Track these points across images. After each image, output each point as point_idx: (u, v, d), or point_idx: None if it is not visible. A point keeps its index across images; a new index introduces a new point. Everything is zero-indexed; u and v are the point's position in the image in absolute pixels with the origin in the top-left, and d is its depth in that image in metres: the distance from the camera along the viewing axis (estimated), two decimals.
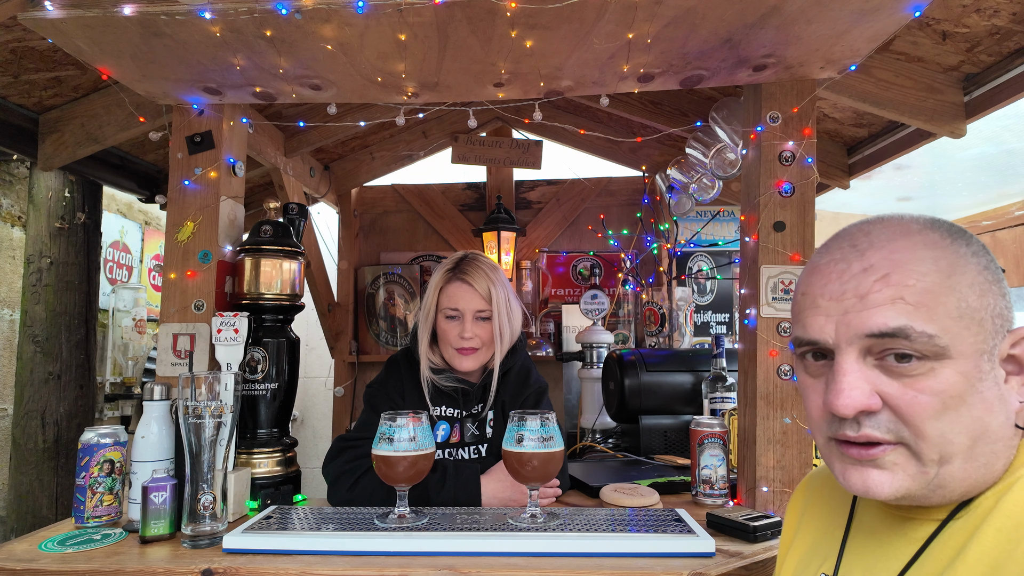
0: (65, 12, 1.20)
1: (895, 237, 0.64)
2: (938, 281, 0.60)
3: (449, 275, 1.54)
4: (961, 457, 0.60)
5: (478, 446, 1.58)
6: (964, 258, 0.62)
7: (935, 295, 0.60)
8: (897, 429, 0.61)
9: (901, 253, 0.62)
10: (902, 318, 0.60)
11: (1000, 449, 0.61)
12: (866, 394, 0.61)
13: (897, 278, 0.61)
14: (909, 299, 0.60)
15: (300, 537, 1.14)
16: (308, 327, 3.70)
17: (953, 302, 0.60)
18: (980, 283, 0.61)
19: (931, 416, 0.60)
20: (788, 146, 1.45)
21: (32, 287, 2.26)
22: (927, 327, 0.59)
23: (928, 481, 0.61)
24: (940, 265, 0.61)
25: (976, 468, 0.61)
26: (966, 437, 0.60)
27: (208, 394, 1.19)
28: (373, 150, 2.92)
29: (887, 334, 0.60)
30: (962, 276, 0.61)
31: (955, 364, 0.59)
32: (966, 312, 0.60)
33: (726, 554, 1.12)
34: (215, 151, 1.60)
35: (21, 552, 1.14)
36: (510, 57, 1.36)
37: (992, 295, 0.61)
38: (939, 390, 0.59)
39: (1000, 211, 2.80)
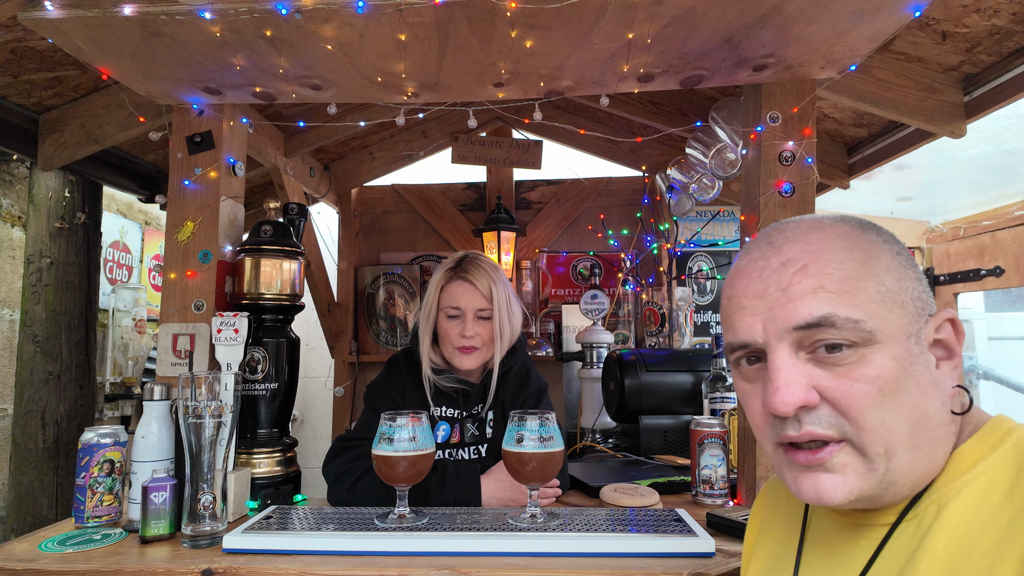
0: (65, 12, 1.20)
1: (809, 231, 0.65)
2: (855, 268, 0.61)
3: (450, 274, 1.55)
4: (905, 447, 0.59)
5: (478, 446, 1.58)
6: (877, 245, 0.63)
7: (855, 281, 0.60)
8: (838, 423, 0.60)
9: (817, 244, 0.63)
10: (826, 306, 0.60)
11: (940, 436, 0.61)
12: (803, 388, 0.60)
13: (816, 268, 0.61)
14: (829, 287, 0.60)
15: (300, 537, 1.14)
16: (308, 327, 3.70)
17: (873, 287, 0.60)
18: (896, 267, 0.62)
19: (869, 405, 0.59)
20: (788, 146, 1.45)
21: (32, 287, 2.26)
22: (851, 312, 0.59)
23: (879, 479, 0.60)
24: (855, 253, 0.62)
25: (920, 458, 0.60)
26: (906, 424, 0.59)
27: (208, 394, 1.19)
28: (373, 150, 2.92)
29: (813, 324, 0.60)
30: (878, 261, 0.62)
31: (885, 348, 0.59)
32: (887, 295, 0.60)
33: (726, 554, 1.12)
34: (215, 151, 1.60)
35: (21, 552, 1.14)
36: (510, 57, 1.36)
37: (909, 279, 0.62)
38: (873, 376, 0.59)
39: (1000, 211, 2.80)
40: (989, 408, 3.16)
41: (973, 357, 3.15)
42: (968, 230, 2.98)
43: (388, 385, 1.58)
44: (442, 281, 1.55)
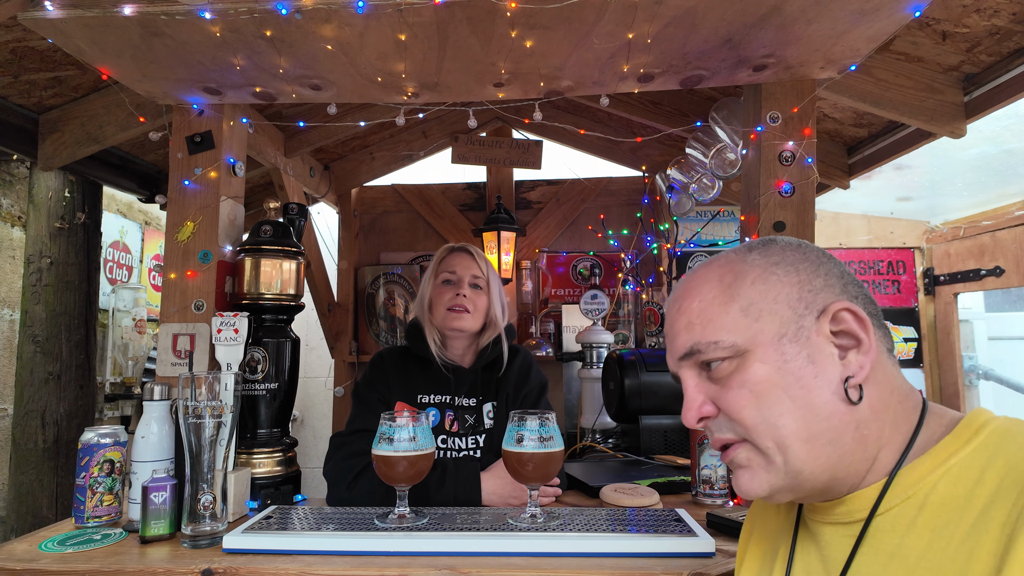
0: (65, 12, 1.20)
1: (696, 273, 0.75)
2: (717, 294, 0.70)
3: (449, 249, 1.66)
4: (797, 439, 0.65)
5: (476, 436, 1.58)
6: (748, 264, 0.71)
7: (713, 308, 0.70)
8: (732, 427, 0.69)
9: (692, 283, 0.74)
10: (691, 337, 0.71)
11: (840, 424, 0.64)
12: (699, 403, 0.71)
13: (686, 304, 0.72)
14: (694, 320, 0.71)
15: (300, 537, 1.14)
16: (308, 327, 3.70)
17: (735, 305, 0.69)
18: (765, 279, 0.69)
19: (745, 407, 0.66)
20: (788, 146, 1.45)
21: (32, 287, 2.26)
22: (711, 337, 0.69)
23: (782, 470, 0.66)
24: (725, 280, 0.71)
25: (822, 447, 0.65)
26: (790, 419, 0.65)
27: (208, 394, 1.19)
28: (373, 150, 2.92)
29: (687, 353, 0.71)
30: (742, 281, 0.70)
31: (754, 355, 0.67)
32: (751, 309, 0.68)
33: (726, 554, 1.12)
34: (215, 151, 1.60)
35: (21, 552, 1.14)
36: (510, 57, 1.36)
37: (783, 284, 0.68)
38: (746, 381, 0.67)
39: (1000, 211, 2.80)
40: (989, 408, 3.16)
41: (973, 357, 3.15)
42: (968, 230, 2.98)
43: (372, 378, 1.60)
44: (442, 255, 1.65)
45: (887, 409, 0.66)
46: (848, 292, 0.68)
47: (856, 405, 0.65)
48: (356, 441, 1.47)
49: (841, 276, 0.70)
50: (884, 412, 0.66)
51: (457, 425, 1.57)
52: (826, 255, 0.72)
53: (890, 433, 0.66)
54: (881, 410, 0.66)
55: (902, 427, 0.66)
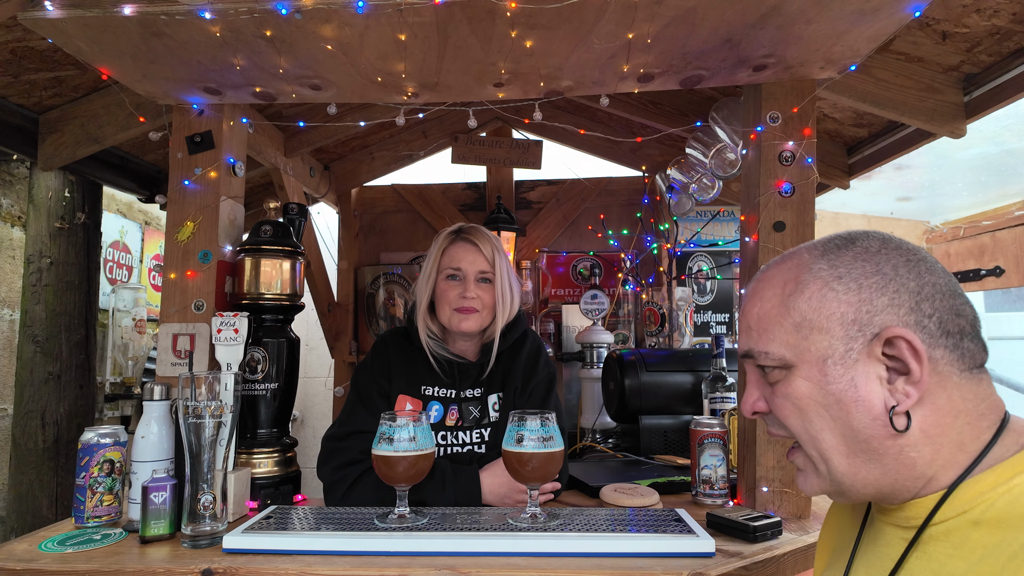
0: (65, 12, 1.20)
1: (771, 267, 0.75)
2: (776, 304, 0.71)
3: (453, 236, 1.53)
4: (839, 454, 0.68)
5: (480, 430, 1.53)
6: (812, 274, 0.70)
7: (771, 317, 0.71)
8: (780, 426, 0.73)
9: (761, 283, 0.75)
10: (749, 342, 0.74)
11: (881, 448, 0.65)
12: (754, 398, 0.75)
13: (748, 306, 0.75)
14: (752, 325, 0.74)
15: (300, 537, 1.14)
16: (308, 327, 3.70)
17: (789, 320, 0.70)
18: (822, 295, 0.68)
19: (790, 416, 0.70)
20: (788, 146, 1.45)
21: (32, 287, 2.26)
22: (765, 347, 0.71)
23: (829, 479, 0.70)
24: (786, 288, 0.71)
25: (864, 464, 0.67)
26: (830, 435, 0.68)
27: (208, 394, 1.19)
28: (373, 150, 2.92)
29: (744, 355, 0.75)
30: (800, 295, 0.70)
31: (800, 371, 0.69)
32: (803, 325, 0.69)
33: (726, 554, 1.12)
34: (215, 151, 1.60)
35: (21, 552, 1.14)
36: (510, 57, 1.36)
37: (840, 303, 0.67)
38: (789, 393, 0.70)
39: (1000, 211, 2.80)
40: None
41: None
42: (968, 230, 2.98)
43: (373, 367, 1.53)
44: (444, 244, 1.53)
45: (946, 433, 0.65)
46: (920, 311, 0.65)
47: (901, 432, 0.64)
48: (350, 448, 1.43)
49: (916, 292, 0.66)
50: (941, 436, 0.65)
51: (461, 419, 1.52)
52: (908, 264, 0.67)
53: (951, 453, 0.65)
54: (937, 434, 0.65)
55: (970, 447, 0.65)
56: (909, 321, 0.65)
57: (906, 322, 0.65)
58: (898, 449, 0.65)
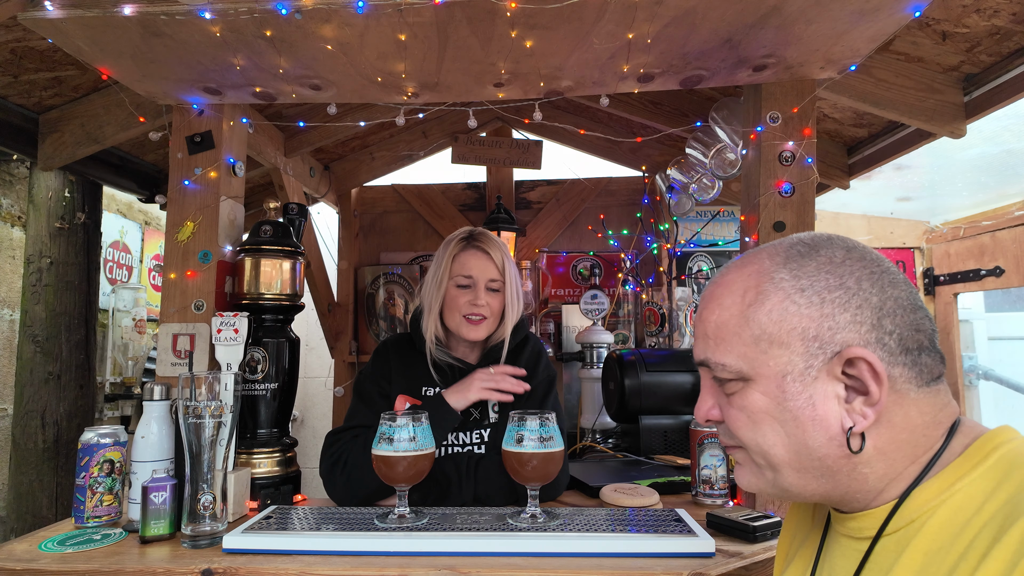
0: (65, 12, 1.20)
1: (731, 270, 0.72)
2: (735, 313, 0.68)
3: (464, 243, 1.54)
4: (788, 467, 0.67)
5: (481, 431, 1.54)
6: (774, 284, 0.67)
7: (729, 328, 0.69)
8: (731, 437, 0.72)
9: (719, 288, 0.72)
10: (704, 351, 0.71)
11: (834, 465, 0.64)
12: (708, 405, 0.74)
13: (706, 313, 0.72)
14: (709, 333, 0.71)
15: (300, 537, 1.14)
16: (308, 327, 3.70)
17: (747, 331, 0.67)
18: (783, 308, 0.66)
19: (742, 427, 0.69)
20: (788, 146, 1.45)
21: (32, 287, 2.26)
22: (721, 358, 0.69)
23: (770, 482, 0.69)
24: (747, 297, 0.68)
25: (814, 479, 0.66)
26: (782, 449, 0.66)
27: (208, 394, 1.19)
28: (373, 150, 2.92)
29: (699, 363, 0.73)
30: (760, 306, 0.67)
31: (756, 385, 0.67)
32: (763, 338, 0.66)
33: (726, 554, 1.12)
34: (215, 151, 1.60)
35: (21, 552, 1.14)
36: (510, 57, 1.36)
37: (802, 317, 0.65)
38: (744, 406, 0.68)
39: (1000, 211, 2.80)
40: (989, 408, 3.16)
41: (973, 357, 3.15)
42: (968, 230, 2.98)
43: (374, 371, 1.56)
44: (455, 250, 1.53)
45: (900, 448, 0.64)
46: (881, 328, 0.63)
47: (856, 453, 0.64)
48: (347, 436, 1.46)
49: (879, 308, 0.64)
50: (895, 452, 0.64)
51: (461, 420, 1.53)
52: (872, 276, 0.65)
53: (904, 466, 0.64)
54: (892, 451, 0.64)
55: (922, 457, 0.64)
56: (870, 339, 0.63)
57: (867, 340, 0.63)
58: (852, 467, 0.64)
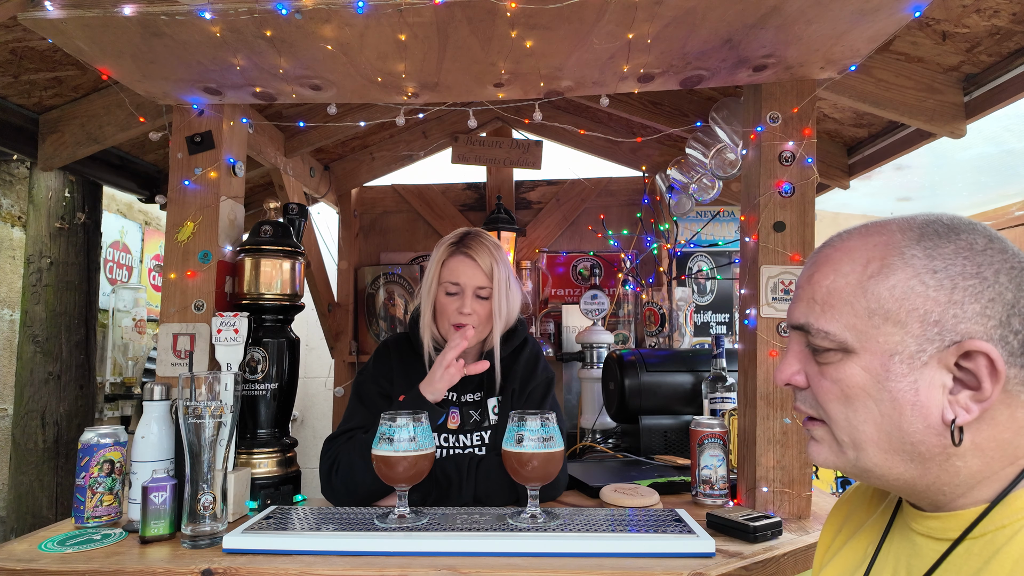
0: (65, 12, 1.20)
1: (854, 237, 0.68)
2: (853, 282, 0.64)
3: (452, 249, 1.52)
4: (875, 447, 0.64)
5: (481, 433, 1.54)
6: (904, 259, 0.63)
7: (842, 295, 0.65)
8: (816, 408, 0.69)
9: (839, 253, 0.67)
10: (807, 315, 0.68)
11: (927, 452, 0.61)
12: (793, 370, 0.71)
13: (818, 277, 0.68)
14: (817, 298, 0.67)
15: (300, 537, 1.14)
16: (308, 327, 3.70)
17: (863, 303, 0.63)
18: (909, 286, 0.62)
19: (833, 400, 0.66)
20: (788, 146, 1.45)
21: (32, 287, 2.26)
22: (825, 325, 0.65)
23: (849, 462, 0.67)
24: (870, 267, 0.64)
25: (902, 462, 0.63)
26: (872, 428, 0.64)
27: (208, 394, 1.19)
28: (373, 150, 2.92)
29: (796, 327, 0.69)
30: (885, 279, 0.63)
31: (859, 359, 0.64)
32: (878, 312, 0.63)
33: (726, 554, 1.12)
34: (215, 151, 1.60)
35: (21, 552, 1.14)
36: (510, 57, 1.36)
37: (927, 299, 0.61)
38: (839, 379, 0.65)
39: (1000, 211, 2.80)
40: None
41: None
42: None
43: (376, 371, 1.56)
44: (444, 256, 1.52)
45: (1000, 447, 0.61)
46: (1008, 326, 0.60)
47: (956, 445, 0.60)
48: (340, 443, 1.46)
49: (1012, 304, 0.60)
50: (994, 450, 0.61)
51: (461, 421, 1.54)
52: (1012, 271, 0.61)
53: (1000, 467, 0.61)
54: (990, 448, 0.61)
55: (1021, 460, 0.61)
56: (994, 336, 0.59)
57: (991, 336, 0.59)
58: (945, 457, 0.62)
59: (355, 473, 1.39)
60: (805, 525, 1.34)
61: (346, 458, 1.41)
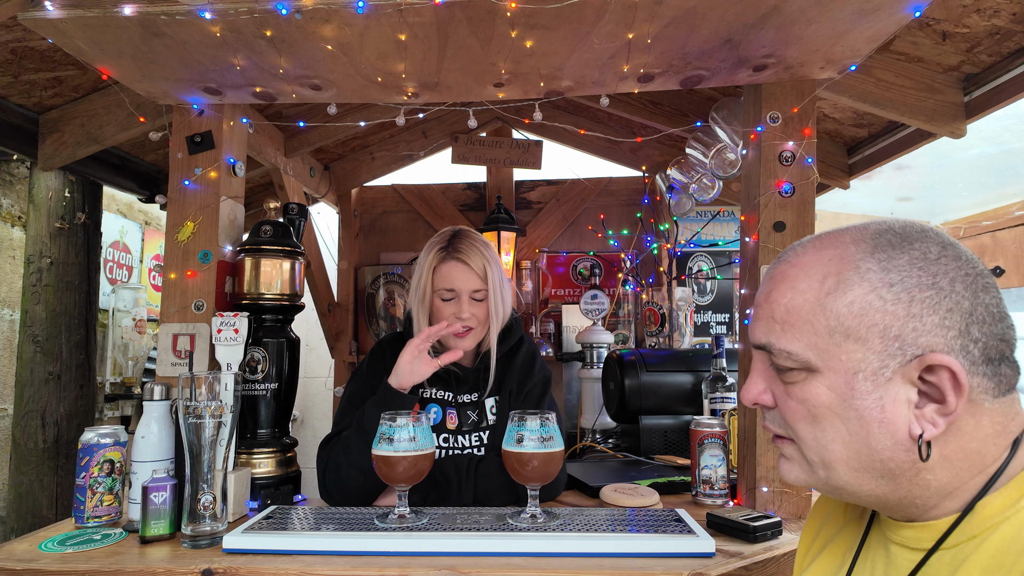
0: (65, 12, 1.20)
1: (808, 251, 0.67)
2: (811, 300, 0.64)
3: (443, 254, 1.49)
4: (845, 465, 0.64)
5: (479, 433, 1.54)
6: (860, 273, 0.62)
7: (801, 313, 0.64)
8: (784, 427, 0.68)
9: (795, 269, 0.66)
10: (768, 335, 0.67)
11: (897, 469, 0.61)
12: (759, 389, 0.70)
13: (776, 295, 0.67)
14: (776, 317, 0.66)
15: (300, 537, 1.14)
16: (308, 327, 3.70)
17: (822, 320, 0.63)
18: (867, 302, 0.61)
19: (800, 420, 0.66)
20: (788, 146, 1.45)
21: (32, 287, 2.26)
22: (787, 345, 0.65)
23: (821, 481, 0.67)
24: (826, 283, 0.63)
25: (872, 479, 0.63)
26: (841, 446, 0.63)
27: (208, 394, 1.19)
28: (373, 150, 2.92)
29: (759, 346, 0.69)
30: (842, 295, 0.62)
31: (823, 378, 0.63)
32: (838, 330, 0.62)
33: (726, 554, 1.12)
34: (215, 151, 1.60)
35: (21, 552, 1.14)
36: (510, 57, 1.36)
37: (886, 314, 0.60)
38: (805, 399, 0.65)
39: (1000, 211, 2.80)
40: None
41: None
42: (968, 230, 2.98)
43: (369, 372, 1.54)
44: (435, 261, 1.49)
45: (968, 458, 0.61)
46: (968, 335, 0.59)
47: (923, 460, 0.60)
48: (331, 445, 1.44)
49: (969, 313, 0.60)
50: (962, 461, 0.61)
51: (459, 422, 1.54)
52: (966, 279, 0.61)
53: (970, 475, 0.61)
54: (958, 459, 0.61)
55: (989, 468, 0.61)
56: (955, 346, 0.59)
57: (951, 347, 0.59)
58: (915, 472, 0.61)
59: (340, 472, 1.39)
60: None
61: (333, 459, 1.41)
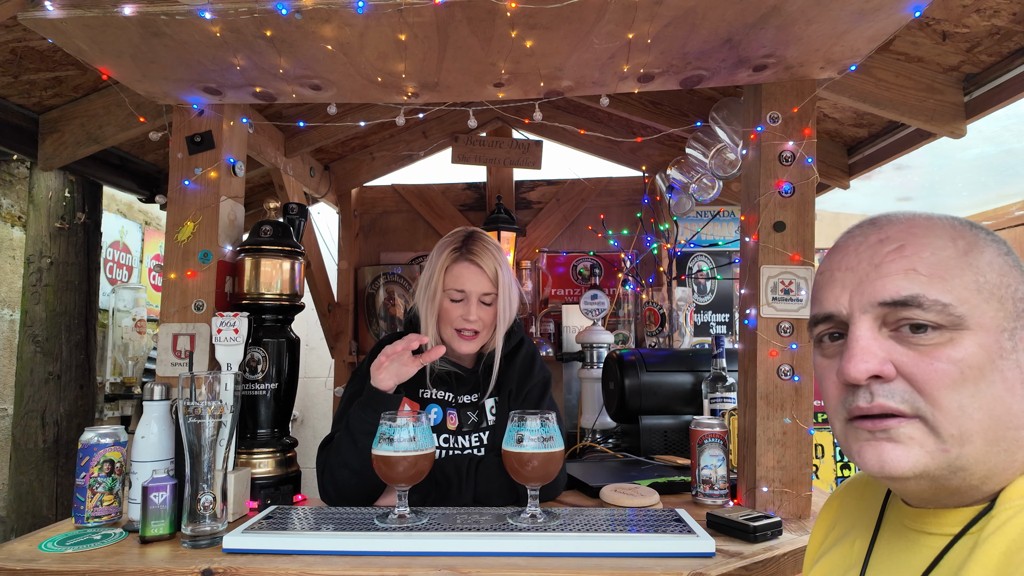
0: (65, 12, 1.20)
1: (914, 217, 0.64)
2: (954, 255, 0.60)
3: (456, 254, 1.50)
4: (982, 438, 0.58)
5: (479, 434, 1.54)
6: (983, 241, 0.62)
7: (950, 267, 0.59)
8: (912, 399, 0.59)
9: (918, 228, 0.62)
10: (915, 287, 0.59)
11: (1022, 437, 0.59)
12: (879, 359, 0.60)
13: (912, 249, 0.61)
14: (922, 270, 0.60)
15: (300, 537, 1.14)
16: (308, 327, 3.70)
17: (971, 275, 0.59)
18: (1000, 264, 0.60)
19: (948, 385, 0.58)
20: (788, 146, 1.45)
21: (32, 287, 2.26)
22: (941, 296, 0.58)
23: (949, 461, 0.58)
24: (957, 243, 0.61)
25: (997, 454, 0.58)
26: (985, 415, 0.57)
27: (208, 394, 1.19)
28: (373, 150, 2.92)
29: (899, 302, 0.59)
30: (980, 254, 0.60)
31: (975, 335, 0.58)
32: (985, 287, 0.59)
33: (726, 554, 1.12)
34: (215, 151, 1.60)
35: (21, 552, 1.14)
36: (510, 57, 1.36)
37: (1013, 277, 0.60)
38: (958, 359, 0.58)
39: (1000, 211, 2.80)
40: None
41: None
42: None
43: (367, 372, 1.51)
44: (447, 262, 1.49)
45: None
46: None
47: None
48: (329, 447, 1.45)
49: None
50: None
51: (460, 423, 1.54)
52: None
53: None
54: None
55: None
56: None
57: None
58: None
59: (334, 472, 1.39)
60: (805, 525, 1.34)
61: (327, 460, 1.41)
